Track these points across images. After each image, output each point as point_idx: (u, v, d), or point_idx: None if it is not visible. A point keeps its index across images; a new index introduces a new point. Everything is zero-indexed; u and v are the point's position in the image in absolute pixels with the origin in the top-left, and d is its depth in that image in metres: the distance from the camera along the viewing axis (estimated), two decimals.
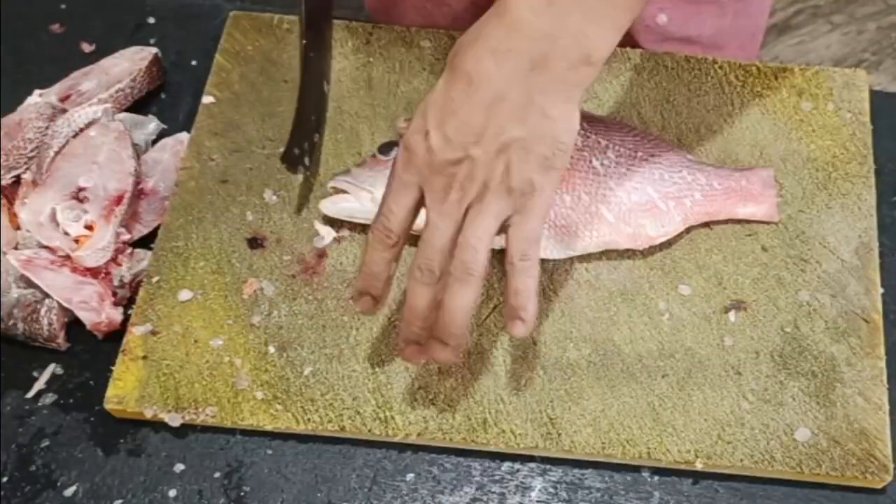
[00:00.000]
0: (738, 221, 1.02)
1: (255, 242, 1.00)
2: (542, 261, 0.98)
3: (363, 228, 1.00)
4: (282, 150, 1.03)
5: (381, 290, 0.86)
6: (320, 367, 0.94)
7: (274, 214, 1.01)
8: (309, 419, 0.92)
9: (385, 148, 0.99)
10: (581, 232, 0.98)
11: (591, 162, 0.98)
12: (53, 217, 0.97)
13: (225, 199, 1.02)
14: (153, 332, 0.95)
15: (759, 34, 1.31)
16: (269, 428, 0.92)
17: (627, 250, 0.99)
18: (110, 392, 0.92)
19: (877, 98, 1.10)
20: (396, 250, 0.84)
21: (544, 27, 0.75)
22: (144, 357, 0.94)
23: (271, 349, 0.95)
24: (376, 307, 0.87)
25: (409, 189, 0.81)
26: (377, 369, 0.94)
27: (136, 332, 0.95)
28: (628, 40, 1.11)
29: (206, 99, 1.08)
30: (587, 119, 0.98)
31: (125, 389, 0.92)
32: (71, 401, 0.95)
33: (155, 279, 0.98)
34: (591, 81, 0.79)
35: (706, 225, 1.01)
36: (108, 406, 0.92)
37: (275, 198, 1.02)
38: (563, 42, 0.76)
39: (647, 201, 0.99)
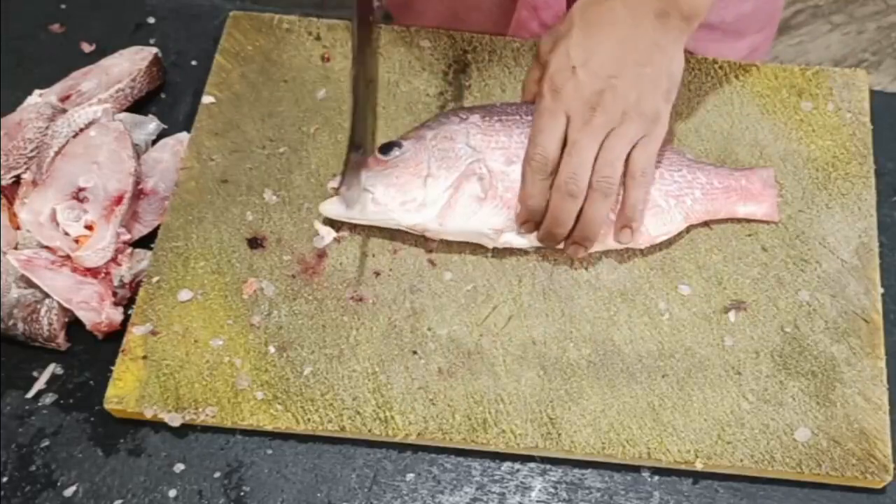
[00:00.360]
0: (739, 221, 1.02)
1: (255, 242, 1.00)
2: (542, 260, 0.99)
3: (363, 229, 1.00)
4: (284, 150, 1.03)
5: (542, 217, 0.97)
6: (320, 367, 0.94)
7: (274, 214, 1.01)
8: (309, 419, 0.92)
9: (385, 148, 0.99)
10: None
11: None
12: (53, 217, 0.97)
13: (225, 199, 1.02)
14: (153, 332, 0.95)
15: (777, 16, 1.32)
16: (269, 428, 0.92)
17: (627, 250, 1.00)
18: (110, 392, 0.92)
19: (877, 98, 1.10)
20: (552, 179, 0.95)
21: None
22: (144, 357, 0.94)
23: (271, 349, 0.95)
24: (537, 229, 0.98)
25: (558, 119, 0.94)
26: (377, 369, 0.94)
27: (136, 332, 0.95)
28: None
29: (206, 99, 1.08)
30: None
31: (125, 389, 0.92)
32: (71, 401, 0.95)
33: (155, 279, 0.98)
34: (693, 29, 0.95)
35: (706, 225, 1.01)
36: (107, 406, 0.92)
37: (275, 198, 1.02)
38: (681, 2, 0.93)
39: (650, 199, 0.99)
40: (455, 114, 1.02)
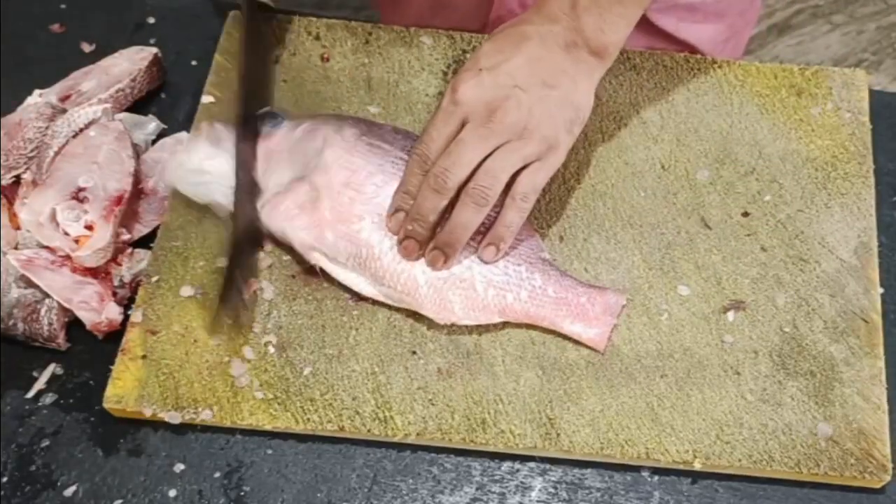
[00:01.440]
0: (732, 216, 1.02)
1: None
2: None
3: None
4: None
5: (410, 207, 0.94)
6: (320, 367, 0.94)
7: None
8: (308, 419, 0.92)
9: (266, 118, 1.00)
10: (391, 277, 0.95)
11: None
12: (53, 217, 0.97)
13: None
14: (152, 332, 0.95)
15: (743, 33, 1.32)
16: (268, 428, 0.92)
17: (626, 249, 0.99)
18: (109, 391, 0.92)
19: (877, 98, 1.10)
20: (427, 169, 0.93)
21: (571, 23, 0.92)
22: (144, 356, 0.94)
23: (271, 349, 0.95)
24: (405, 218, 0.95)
25: (453, 119, 0.92)
26: (376, 369, 0.94)
27: (135, 331, 0.95)
28: None
29: (206, 98, 1.08)
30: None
31: (124, 389, 0.92)
32: (71, 401, 0.95)
33: (154, 278, 0.98)
34: (607, 67, 0.95)
35: (705, 225, 1.01)
36: (107, 405, 0.92)
37: None
38: (586, 34, 0.92)
39: (466, 279, 0.95)
40: (341, 119, 1.00)
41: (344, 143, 0.97)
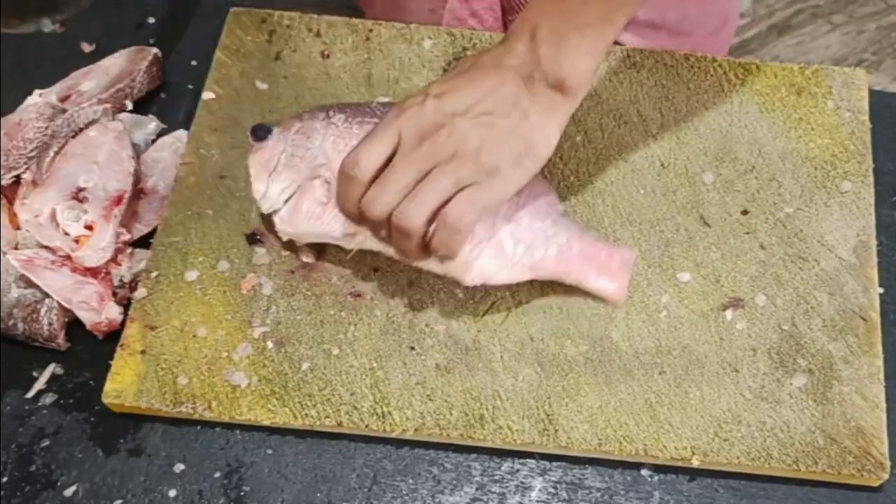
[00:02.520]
0: (731, 214, 1.02)
1: (253, 238, 1.00)
2: None
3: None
4: None
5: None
6: (318, 363, 0.94)
7: None
8: (307, 414, 0.92)
9: (257, 132, 0.98)
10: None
11: None
12: (53, 217, 0.98)
13: (224, 195, 1.02)
14: (152, 327, 0.95)
15: (730, 21, 1.32)
16: (266, 423, 0.92)
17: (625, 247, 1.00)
18: (108, 386, 0.92)
19: (877, 98, 1.10)
20: (361, 192, 0.90)
21: (528, 56, 0.89)
22: (143, 352, 0.94)
23: (269, 344, 0.95)
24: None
25: (386, 140, 0.89)
26: (375, 365, 0.94)
27: (134, 326, 0.95)
28: None
29: (206, 95, 1.08)
30: None
31: (123, 384, 0.93)
32: (71, 401, 0.95)
33: (154, 274, 0.98)
34: (574, 103, 0.90)
35: (704, 223, 1.01)
36: (105, 400, 0.92)
37: None
38: (543, 67, 0.88)
39: (495, 239, 0.94)
40: (325, 109, 0.99)
41: (337, 129, 0.96)
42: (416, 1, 1.14)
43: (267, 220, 0.99)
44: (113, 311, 0.96)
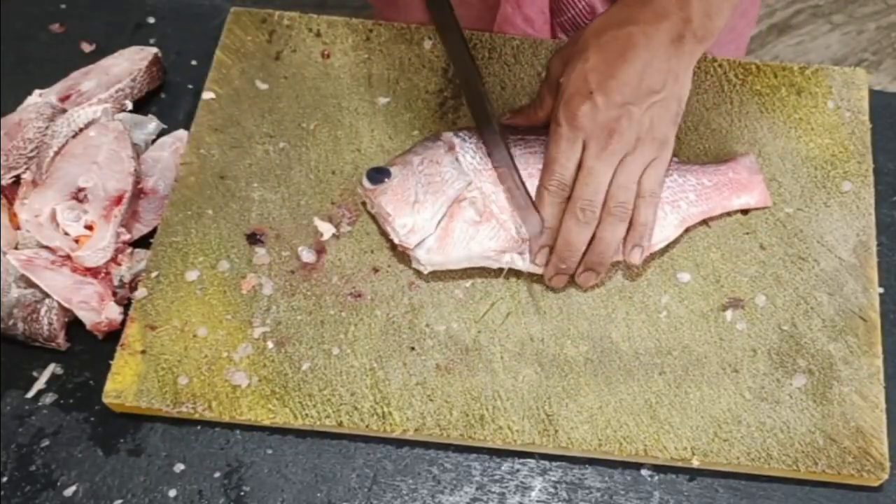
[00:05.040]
0: (735, 217, 1.02)
1: (254, 238, 1.00)
2: None
3: (361, 225, 1.01)
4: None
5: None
6: (318, 363, 0.94)
7: (273, 210, 1.02)
8: (307, 414, 0.92)
9: (373, 176, 0.99)
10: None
11: None
12: (53, 217, 0.98)
13: (224, 195, 1.02)
14: (152, 327, 0.95)
15: (748, 22, 1.32)
16: (266, 423, 0.92)
17: None
18: (109, 386, 0.92)
19: (876, 98, 1.10)
20: (567, 202, 0.97)
21: (682, 14, 0.94)
22: (143, 352, 0.94)
23: (269, 344, 0.95)
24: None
25: (576, 144, 0.95)
26: (375, 365, 0.94)
27: (134, 326, 0.95)
28: None
29: (206, 95, 1.08)
30: None
31: (123, 384, 0.93)
32: (71, 401, 0.95)
33: (154, 274, 0.98)
34: (704, 49, 0.97)
35: (704, 223, 1.01)
36: (106, 400, 0.92)
37: (274, 194, 1.02)
38: (694, 25, 0.95)
39: None
40: (433, 138, 1.02)
41: (473, 147, 1.00)
42: (463, 7, 1.14)
43: (395, 253, 1.00)
44: (113, 311, 0.96)
